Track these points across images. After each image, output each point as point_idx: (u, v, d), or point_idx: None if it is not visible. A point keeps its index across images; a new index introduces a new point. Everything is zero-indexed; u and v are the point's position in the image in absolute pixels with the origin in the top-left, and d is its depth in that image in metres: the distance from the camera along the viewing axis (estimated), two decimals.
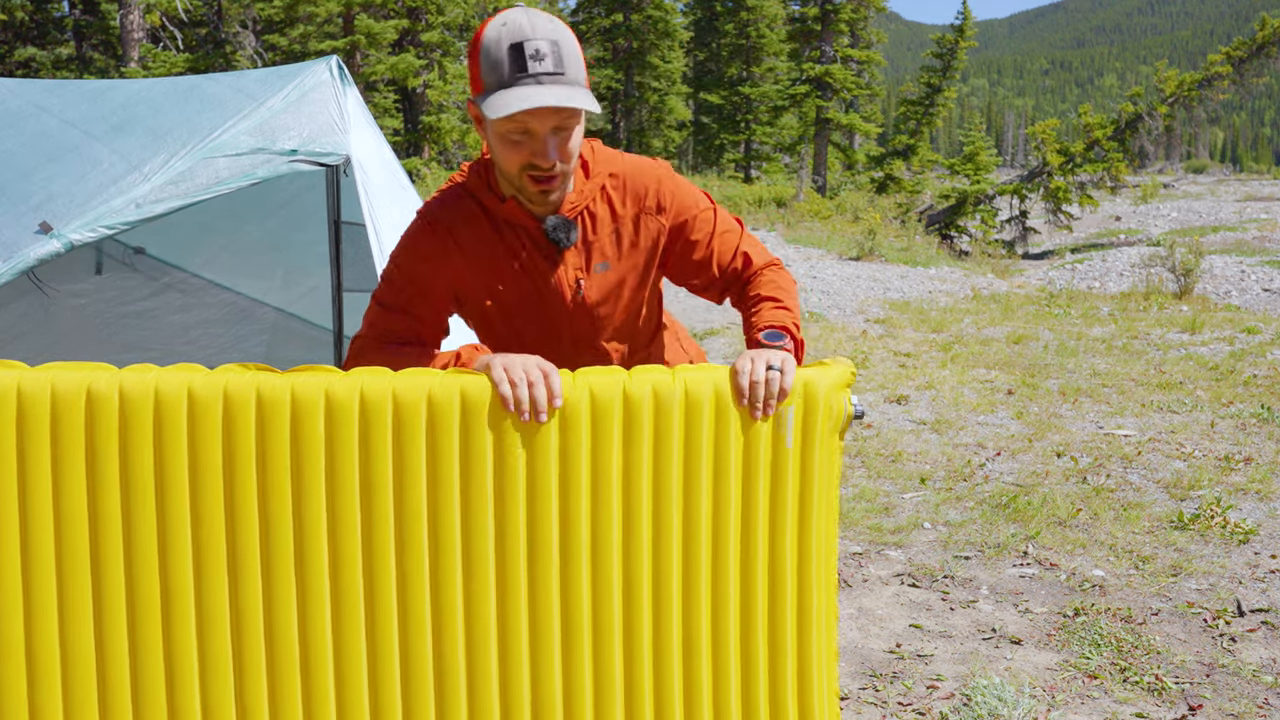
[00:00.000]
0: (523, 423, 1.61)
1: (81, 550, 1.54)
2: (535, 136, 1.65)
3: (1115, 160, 21.64)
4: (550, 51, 1.60)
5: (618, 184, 1.86)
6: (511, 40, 1.60)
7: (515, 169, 1.70)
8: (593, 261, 1.86)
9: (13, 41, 23.95)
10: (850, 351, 8.29)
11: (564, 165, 1.70)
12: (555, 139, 1.66)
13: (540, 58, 1.59)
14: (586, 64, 1.71)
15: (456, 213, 1.83)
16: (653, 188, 1.87)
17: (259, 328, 5.17)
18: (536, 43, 1.60)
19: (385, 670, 1.61)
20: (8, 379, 1.53)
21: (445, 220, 1.83)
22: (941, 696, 2.98)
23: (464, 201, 1.84)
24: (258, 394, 1.56)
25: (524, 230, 1.82)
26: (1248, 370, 7.41)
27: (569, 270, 1.85)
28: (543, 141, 1.65)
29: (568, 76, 1.62)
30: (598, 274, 1.87)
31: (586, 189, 1.83)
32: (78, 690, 1.56)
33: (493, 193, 1.81)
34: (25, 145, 3.38)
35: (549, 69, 1.60)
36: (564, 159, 1.69)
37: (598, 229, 1.85)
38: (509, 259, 1.84)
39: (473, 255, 1.83)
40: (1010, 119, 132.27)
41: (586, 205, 1.83)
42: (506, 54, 1.60)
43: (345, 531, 1.59)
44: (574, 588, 1.64)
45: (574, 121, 1.67)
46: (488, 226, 1.83)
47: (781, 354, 1.71)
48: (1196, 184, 48.93)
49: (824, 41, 27.78)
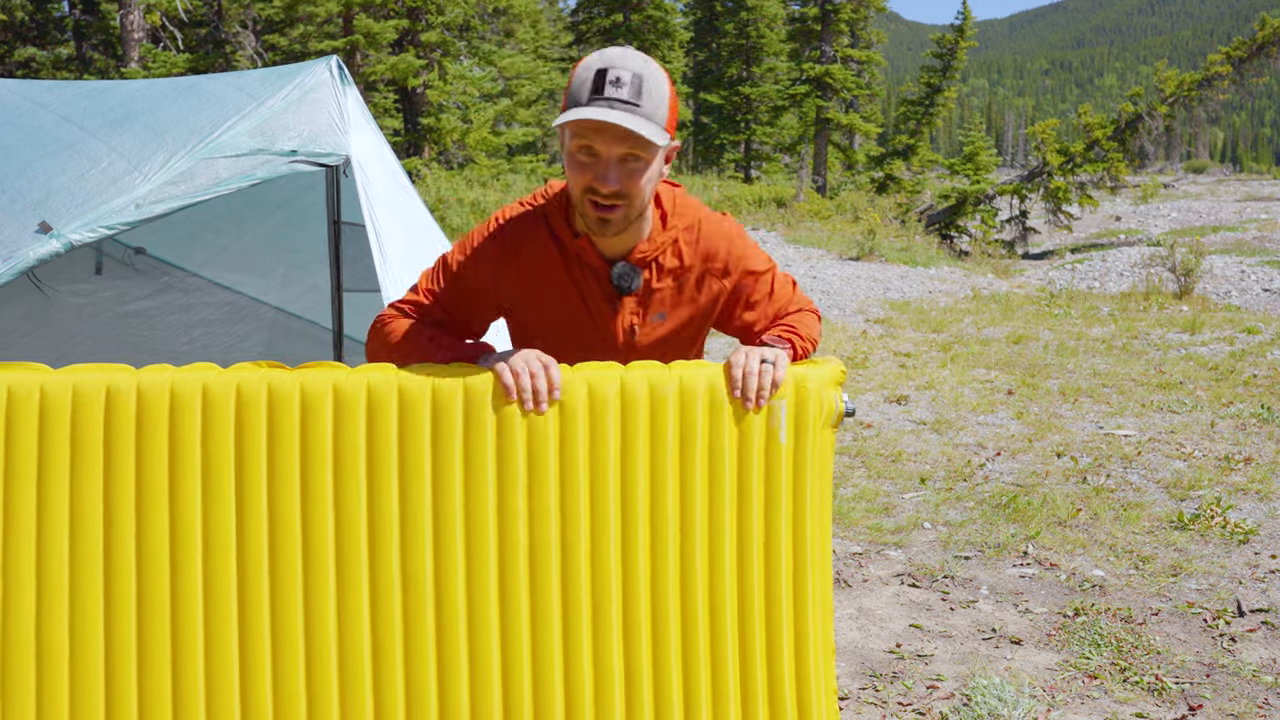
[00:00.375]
0: (523, 416, 1.65)
1: (94, 543, 1.58)
2: (601, 159, 1.67)
3: (1115, 160, 21.64)
4: (630, 81, 1.64)
5: (691, 239, 1.87)
6: (599, 66, 1.65)
7: (579, 190, 1.71)
8: (650, 310, 1.88)
9: (13, 41, 23.95)
10: (850, 351, 8.28)
11: (627, 197, 1.69)
12: (621, 168, 1.67)
13: (619, 85, 1.63)
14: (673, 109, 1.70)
15: (526, 236, 1.84)
16: (723, 250, 1.89)
17: (259, 326, 5.17)
18: (619, 71, 1.64)
19: (388, 660, 1.64)
20: (30, 380, 1.58)
21: (514, 241, 1.84)
22: (941, 696, 2.98)
23: (538, 227, 1.84)
24: (268, 390, 1.62)
25: (590, 270, 1.84)
26: (1248, 370, 7.41)
27: (626, 315, 1.87)
28: (606, 165, 1.66)
29: (642, 109, 1.64)
30: (653, 322, 1.89)
31: (661, 240, 1.84)
32: (84, 680, 1.58)
33: (569, 225, 1.82)
34: (23, 141, 3.38)
35: (624, 96, 1.63)
36: (629, 190, 1.68)
37: (662, 279, 1.87)
38: (570, 290, 1.85)
39: (532, 281, 1.85)
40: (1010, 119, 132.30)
41: (656, 256, 1.85)
42: (591, 77, 1.65)
43: (350, 523, 1.63)
44: (573, 580, 1.67)
45: (645, 154, 1.67)
46: (556, 255, 1.84)
47: (775, 350, 1.75)
48: (1196, 184, 48.94)
49: (824, 41, 27.77)
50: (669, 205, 1.87)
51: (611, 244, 1.82)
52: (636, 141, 1.65)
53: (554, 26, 34.86)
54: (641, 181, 1.69)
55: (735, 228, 1.94)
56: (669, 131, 1.70)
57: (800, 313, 1.98)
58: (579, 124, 1.65)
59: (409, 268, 3.52)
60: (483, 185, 21.02)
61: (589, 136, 1.65)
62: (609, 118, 1.61)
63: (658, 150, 1.69)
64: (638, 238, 1.83)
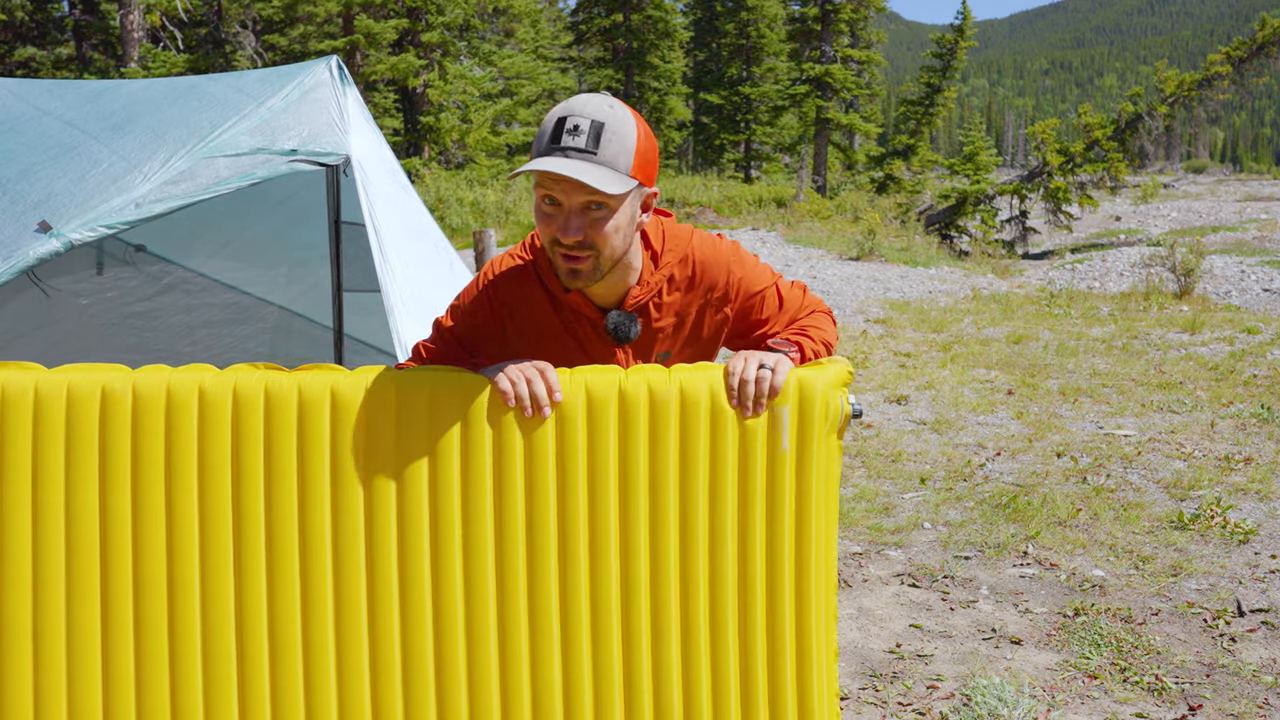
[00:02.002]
0: (521, 420, 1.63)
1: (91, 544, 1.58)
2: (563, 209, 1.63)
3: (1115, 160, 21.63)
4: (588, 129, 1.59)
5: (686, 273, 1.83)
6: (559, 115, 1.62)
7: (547, 241, 1.68)
8: (655, 350, 1.85)
9: (13, 41, 23.94)
10: (850, 351, 8.28)
11: (593, 247, 1.64)
12: (583, 217, 1.62)
13: (576, 133, 1.59)
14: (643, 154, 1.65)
15: (519, 293, 1.82)
16: (722, 279, 1.84)
17: (262, 327, 5.17)
18: (577, 119, 1.60)
19: (386, 662, 1.63)
20: (24, 380, 1.57)
21: (506, 298, 1.82)
22: (941, 696, 2.98)
23: (529, 282, 1.81)
24: (265, 392, 1.61)
25: (587, 320, 1.81)
26: (1248, 370, 7.41)
27: (630, 360, 1.84)
28: (568, 215, 1.62)
29: (600, 156, 1.59)
30: (659, 360, 1.86)
31: (653, 281, 1.80)
32: (82, 679, 1.58)
33: (559, 279, 1.77)
34: (26, 145, 3.39)
35: (580, 145, 1.59)
36: (593, 240, 1.63)
37: (662, 317, 1.83)
38: (569, 343, 1.83)
39: (530, 336, 1.83)
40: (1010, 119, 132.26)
41: (652, 298, 1.81)
42: (551, 126, 1.62)
43: (348, 526, 1.62)
44: (573, 586, 1.66)
45: (609, 203, 1.62)
46: (550, 309, 1.81)
47: (776, 355, 1.71)
48: (1196, 184, 48.93)
49: (824, 41, 27.77)
50: (658, 243, 1.81)
51: (602, 293, 1.78)
52: (600, 194, 1.59)
53: (554, 26, 34.85)
54: (606, 230, 1.63)
55: (730, 250, 1.88)
56: (638, 178, 1.64)
57: (813, 315, 1.93)
58: (536, 174, 1.61)
59: (409, 267, 3.53)
60: (482, 185, 21.02)
61: (549, 186, 1.61)
62: (558, 168, 1.56)
63: (623, 198, 1.63)
64: (626, 284, 1.78)
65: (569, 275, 1.68)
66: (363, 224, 3.48)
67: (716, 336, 1.91)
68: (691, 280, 1.83)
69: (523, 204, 19.99)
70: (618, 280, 1.77)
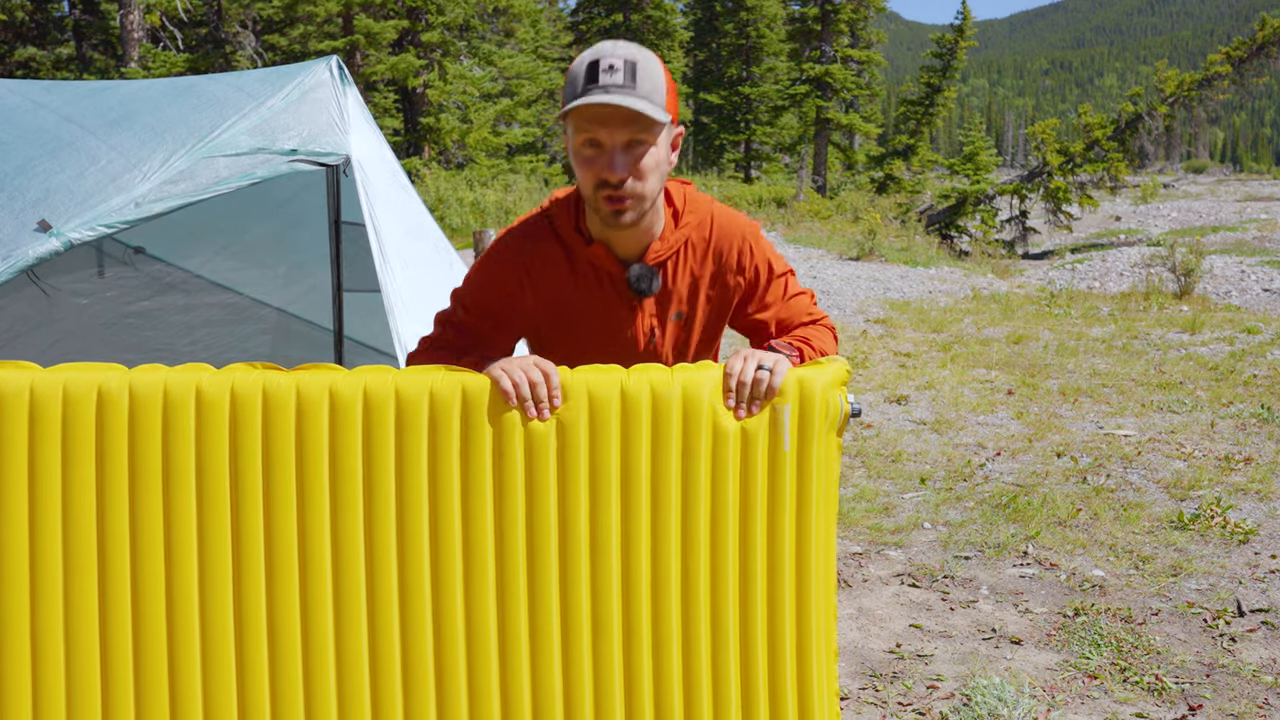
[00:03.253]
0: (522, 420, 1.62)
1: (88, 545, 1.57)
2: (605, 150, 1.67)
3: (1115, 160, 21.64)
4: (623, 67, 1.65)
5: (704, 236, 1.87)
6: (591, 59, 1.67)
7: (590, 186, 1.71)
8: (669, 310, 1.88)
9: (13, 41, 23.94)
10: (850, 351, 8.28)
11: (637, 184, 1.69)
12: (626, 155, 1.67)
13: (613, 71, 1.64)
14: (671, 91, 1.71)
15: (535, 252, 1.83)
16: (738, 246, 1.88)
17: (262, 328, 5.17)
18: (610, 59, 1.65)
19: (386, 663, 1.62)
20: (20, 379, 1.56)
21: (523, 258, 1.84)
22: (941, 696, 2.97)
23: (546, 240, 1.84)
24: (264, 392, 1.59)
25: (606, 276, 1.83)
26: (1248, 370, 7.41)
27: (646, 318, 1.87)
28: (611, 154, 1.67)
29: (638, 90, 1.64)
30: (672, 322, 1.89)
31: (673, 239, 1.84)
32: (81, 681, 1.57)
33: (580, 235, 1.82)
34: (22, 139, 3.38)
35: (618, 81, 1.64)
36: (637, 177, 1.68)
37: (678, 279, 1.87)
38: (585, 302, 1.85)
39: (546, 295, 1.84)
40: (1010, 119, 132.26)
41: (671, 255, 1.85)
42: (584, 69, 1.66)
43: (348, 527, 1.61)
44: (573, 586, 1.65)
45: (648, 138, 1.67)
46: (566, 266, 1.83)
47: (775, 355, 1.71)
48: (1196, 184, 48.93)
49: (824, 41, 27.77)
50: (680, 203, 1.86)
51: (626, 245, 1.81)
52: (638, 124, 1.65)
53: (554, 26, 34.84)
54: (646, 165, 1.68)
55: (751, 225, 1.92)
56: (670, 114, 1.70)
57: (815, 325, 1.94)
58: (580, 116, 1.65)
59: (409, 267, 3.52)
60: (483, 185, 21.02)
61: (591, 128, 1.66)
62: (607, 99, 1.61)
63: (660, 131, 1.69)
64: (650, 237, 1.82)
65: (612, 218, 1.71)
66: (363, 224, 3.48)
67: (727, 306, 1.92)
68: (709, 244, 1.87)
69: (522, 204, 19.99)
70: (642, 233, 1.80)
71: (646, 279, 1.82)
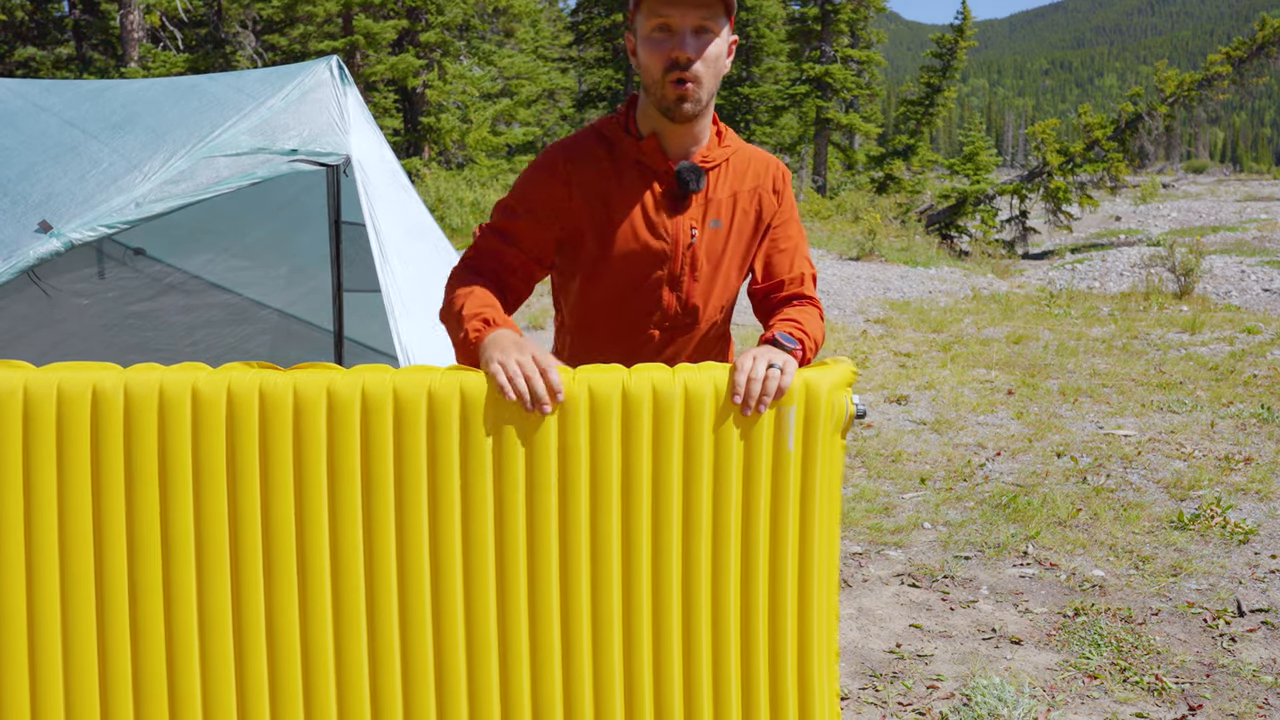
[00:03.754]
0: (522, 420, 1.61)
1: (85, 547, 1.56)
2: (675, 33, 1.80)
3: (1115, 160, 21.65)
4: None
5: (745, 156, 2.01)
6: None
7: (659, 69, 1.82)
8: (708, 216, 1.97)
9: (13, 41, 23.94)
10: (850, 351, 8.28)
11: (702, 69, 1.82)
12: (695, 40, 1.80)
13: None
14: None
15: (579, 149, 1.95)
16: (775, 172, 2.03)
17: (263, 327, 5.17)
18: None
19: (385, 663, 1.62)
20: (13, 379, 1.54)
21: (567, 154, 1.94)
22: (941, 696, 2.98)
23: (590, 141, 1.95)
24: (260, 391, 1.58)
25: (652, 173, 1.93)
26: (1248, 370, 7.41)
27: (686, 220, 1.95)
28: (682, 36, 1.80)
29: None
30: (710, 229, 1.98)
31: (717, 152, 1.96)
32: (79, 682, 1.57)
33: (630, 134, 1.93)
34: (25, 144, 3.39)
35: None
36: (703, 61, 1.81)
37: (719, 188, 1.97)
38: (629, 199, 1.93)
39: (589, 192, 1.93)
40: (1010, 119, 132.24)
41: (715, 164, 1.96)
42: None
43: (346, 529, 1.60)
44: (574, 587, 1.65)
45: (713, 27, 1.81)
46: (610, 166, 1.94)
47: (784, 355, 1.72)
48: (1196, 184, 48.92)
49: (824, 41, 27.77)
50: (723, 129, 1.99)
51: (679, 141, 1.92)
52: (709, 9, 1.79)
53: (554, 26, 34.83)
54: (710, 53, 1.82)
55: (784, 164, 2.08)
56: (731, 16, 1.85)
57: (806, 307, 2.00)
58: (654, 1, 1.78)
59: (409, 267, 3.52)
60: (483, 185, 21.00)
61: (665, 12, 1.79)
62: None
63: (724, 25, 1.83)
64: (698, 142, 1.94)
65: (675, 104, 1.83)
66: (363, 224, 3.48)
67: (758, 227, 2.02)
68: (748, 166, 2.00)
69: None
70: (692, 135, 1.92)
71: (692, 173, 1.92)
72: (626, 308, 1.98)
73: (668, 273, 1.96)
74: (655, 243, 1.94)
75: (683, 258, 1.95)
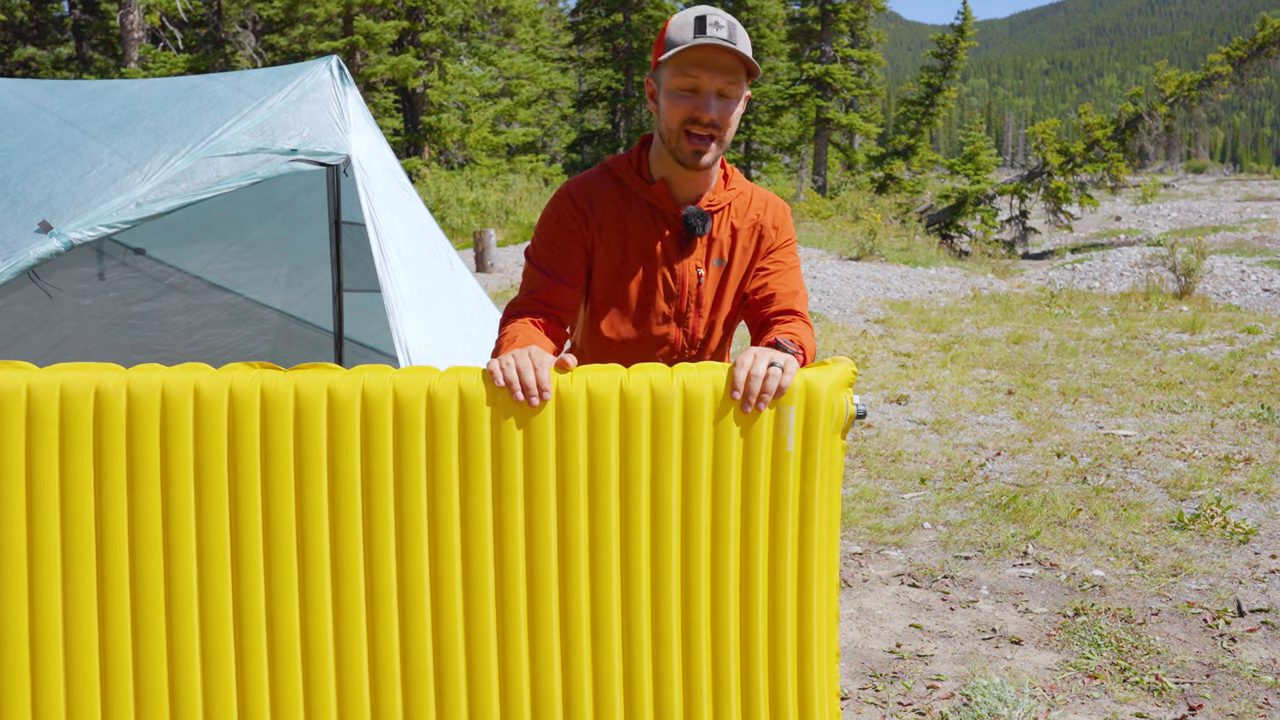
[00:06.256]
0: (521, 420, 1.62)
1: (87, 546, 1.56)
2: (700, 94, 1.88)
3: (1115, 160, 21.65)
4: (727, 25, 1.87)
5: (748, 198, 2.10)
6: (696, 14, 1.88)
7: (677, 123, 1.90)
8: (712, 255, 2.06)
9: (13, 41, 23.94)
10: (850, 351, 8.28)
11: (720, 131, 1.91)
12: (719, 102, 1.89)
13: (718, 27, 1.87)
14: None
15: (594, 189, 2.03)
16: (774, 210, 2.12)
17: (264, 328, 5.17)
18: (716, 17, 1.88)
19: (385, 661, 1.62)
20: (16, 380, 1.55)
21: (584, 194, 2.03)
22: (941, 696, 2.98)
23: (604, 182, 2.04)
24: (261, 392, 1.58)
25: (661, 216, 2.03)
26: (1248, 370, 7.41)
27: (692, 262, 2.05)
28: (706, 97, 1.88)
29: (739, 46, 1.86)
30: (715, 268, 2.07)
31: (723, 195, 2.06)
32: (80, 682, 1.57)
33: (641, 177, 2.02)
34: (25, 144, 3.39)
35: (724, 36, 1.86)
36: (722, 123, 1.91)
37: (722, 229, 2.07)
38: (643, 238, 2.02)
39: (608, 228, 2.02)
40: (1010, 119, 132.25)
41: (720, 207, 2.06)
42: (691, 22, 1.87)
43: (346, 527, 1.61)
44: (573, 587, 1.65)
45: (736, 91, 1.90)
46: (624, 207, 2.03)
47: (785, 355, 1.72)
48: (1196, 184, 48.93)
49: (824, 41, 27.79)
50: (729, 171, 2.09)
51: (687, 187, 2.01)
52: (735, 74, 1.88)
53: (554, 26, 34.84)
54: (731, 117, 1.91)
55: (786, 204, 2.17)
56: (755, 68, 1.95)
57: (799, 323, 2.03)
58: (686, 59, 1.86)
59: (409, 267, 3.53)
60: (483, 185, 21.01)
61: (694, 73, 1.86)
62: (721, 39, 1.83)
63: (744, 89, 1.92)
64: (706, 186, 2.03)
65: (692, 157, 1.92)
66: (363, 224, 3.48)
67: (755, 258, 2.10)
68: (751, 204, 2.10)
69: (523, 204, 19.98)
70: (701, 181, 2.02)
71: (698, 218, 2.01)
72: (633, 343, 2.06)
73: (675, 311, 2.06)
74: (664, 284, 2.04)
75: (689, 298, 2.05)
